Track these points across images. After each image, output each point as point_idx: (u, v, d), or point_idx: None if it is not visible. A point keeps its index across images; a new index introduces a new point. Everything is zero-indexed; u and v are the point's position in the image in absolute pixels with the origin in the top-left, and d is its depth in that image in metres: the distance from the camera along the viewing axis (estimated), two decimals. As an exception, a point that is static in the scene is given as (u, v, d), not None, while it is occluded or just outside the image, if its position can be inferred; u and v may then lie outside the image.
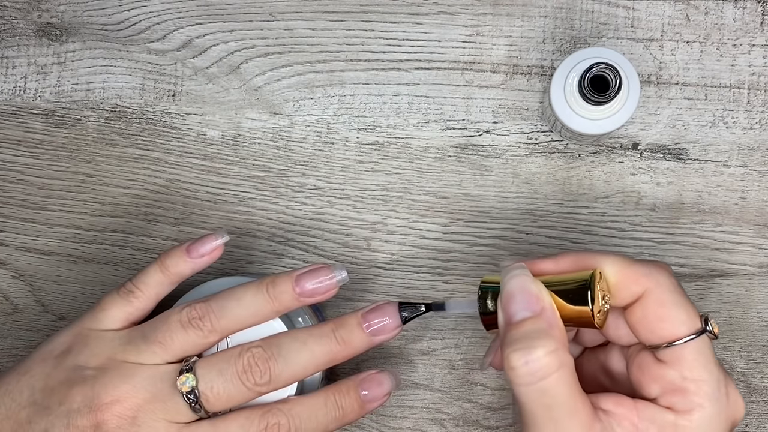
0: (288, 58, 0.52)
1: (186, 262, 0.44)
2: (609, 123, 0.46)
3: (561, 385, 0.35)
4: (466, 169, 0.51)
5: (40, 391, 0.41)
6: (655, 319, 0.37)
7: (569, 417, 0.35)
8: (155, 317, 0.43)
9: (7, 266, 0.53)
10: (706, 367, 0.37)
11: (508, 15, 0.51)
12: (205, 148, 0.52)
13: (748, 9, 0.51)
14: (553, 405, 0.35)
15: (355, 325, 0.42)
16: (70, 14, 0.53)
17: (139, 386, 0.40)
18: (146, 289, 0.44)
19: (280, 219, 0.52)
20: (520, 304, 0.37)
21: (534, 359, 0.35)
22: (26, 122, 0.53)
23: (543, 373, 0.35)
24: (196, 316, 0.42)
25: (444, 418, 0.51)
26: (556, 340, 0.35)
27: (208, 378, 0.40)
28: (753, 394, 0.50)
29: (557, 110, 0.46)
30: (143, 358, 0.41)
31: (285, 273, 0.43)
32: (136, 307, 0.43)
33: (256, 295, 0.42)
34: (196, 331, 0.41)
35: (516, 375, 0.35)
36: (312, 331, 0.42)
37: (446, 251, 0.51)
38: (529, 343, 0.35)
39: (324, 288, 0.43)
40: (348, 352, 0.42)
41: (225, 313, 0.42)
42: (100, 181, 0.52)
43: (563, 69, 0.46)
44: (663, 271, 0.38)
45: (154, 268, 0.44)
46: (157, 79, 0.52)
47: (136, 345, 0.42)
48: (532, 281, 0.37)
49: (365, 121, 0.52)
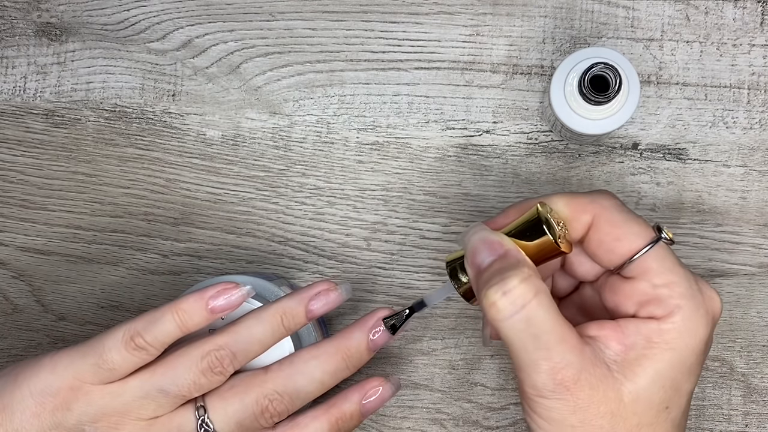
0: (288, 58, 0.52)
1: (207, 319, 0.41)
2: (609, 123, 0.46)
3: (543, 310, 0.35)
4: (466, 169, 0.51)
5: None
6: (611, 239, 0.38)
7: (559, 342, 0.36)
8: (167, 363, 0.40)
9: (7, 266, 0.53)
10: (672, 270, 0.37)
11: (508, 15, 0.51)
12: (205, 148, 0.52)
13: (748, 9, 0.51)
14: (540, 333, 0.35)
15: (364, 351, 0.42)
16: (69, 14, 0.53)
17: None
18: (160, 346, 0.40)
19: (280, 219, 0.52)
20: (484, 253, 0.37)
21: (510, 288, 0.35)
22: (26, 122, 0.53)
23: (522, 300, 0.35)
24: (218, 364, 0.40)
25: (444, 418, 0.51)
26: (528, 269, 0.36)
27: (227, 428, 0.40)
28: (753, 394, 0.50)
29: (557, 110, 0.46)
30: (160, 411, 0.40)
31: (296, 299, 0.42)
32: (146, 361, 0.40)
33: (274, 329, 0.42)
34: (218, 378, 0.41)
35: (497, 310, 0.35)
36: (326, 368, 0.42)
37: (446, 251, 0.51)
38: (501, 276, 0.35)
39: (331, 306, 0.43)
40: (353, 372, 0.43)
41: (246, 355, 0.41)
42: (99, 181, 0.52)
43: (563, 69, 0.46)
44: (606, 195, 0.39)
45: (170, 323, 0.40)
46: (157, 79, 0.52)
47: (154, 400, 0.40)
48: (490, 232, 0.38)
49: (365, 121, 0.52)
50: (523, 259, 0.37)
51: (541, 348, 0.35)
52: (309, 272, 0.52)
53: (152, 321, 0.40)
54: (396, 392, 0.43)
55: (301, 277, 0.52)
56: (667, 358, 0.37)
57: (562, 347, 0.35)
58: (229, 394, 0.41)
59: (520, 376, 0.36)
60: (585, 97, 0.44)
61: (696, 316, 0.37)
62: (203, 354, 0.40)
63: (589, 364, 0.36)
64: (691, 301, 0.37)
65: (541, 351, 0.35)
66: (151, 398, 0.40)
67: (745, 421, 0.50)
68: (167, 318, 0.40)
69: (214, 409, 0.40)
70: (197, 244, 0.52)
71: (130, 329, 0.40)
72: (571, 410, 0.36)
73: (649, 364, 0.37)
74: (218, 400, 0.41)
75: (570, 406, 0.36)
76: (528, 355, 0.36)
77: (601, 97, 0.44)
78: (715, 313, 0.39)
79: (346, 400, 0.42)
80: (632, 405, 0.36)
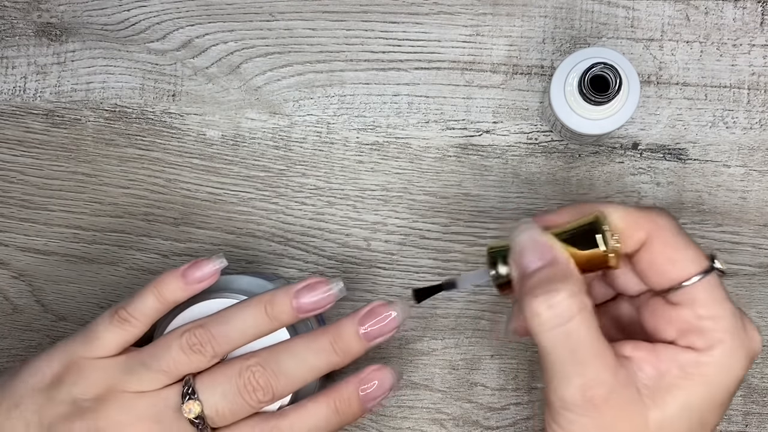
0: (288, 58, 0.52)
1: (182, 289, 0.43)
2: (609, 123, 0.46)
3: (584, 327, 0.35)
4: (466, 169, 0.51)
5: (37, 426, 0.40)
6: (664, 261, 0.37)
7: (595, 359, 0.35)
8: (152, 343, 0.42)
9: (7, 266, 0.53)
10: (720, 303, 0.36)
11: (508, 15, 0.51)
12: (205, 148, 0.52)
13: (748, 9, 0.51)
14: (578, 348, 0.35)
15: (353, 334, 0.42)
16: (70, 14, 0.53)
17: (143, 416, 0.40)
18: (141, 317, 0.42)
19: (280, 219, 0.52)
20: (533, 256, 0.36)
21: (557, 302, 0.35)
22: (26, 122, 0.53)
23: (567, 316, 0.35)
24: (197, 342, 0.41)
25: (444, 418, 0.51)
26: (575, 283, 0.35)
27: (212, 401, 0.40)
28: (753, 394, 0.50)
29: (557, 110, 0.46)
30: (144, 386, 0.41)
31: (282, 290, 0.42)
32: (132, 335, 0.42)
33: (256, 317, 0.42)
34: (198, 357, 0.41)
35: (540, 321, 0.35)
36: (310, 345, 0.42)
37: (446, 251, 0.51)
38: (549, 287, 0.35)
39: (322, 302, 0.42)
40: (347, 360, 0.42)
41: (225, 337, 0.41)
42: (99, 181, 0.52)
43: (563, 69, 0.46)
44: (664, 214, 0.38)
45: (149, 296, 0.43)
46: (157, 79, 0.52)
47: (137, 373, 0.41)
48: (541, 233, 0.37)
49: (365, 121, 0.52)
50: (571, 271, 0.36)
51: (576, 363, 0.35)
52: (309, 272, 0.52)
53: (135, 295, 0.43)
54: (397, 381, 0.43)
55: (302, 277, 0.52)
56: (700, 392, 0.36)
57: (597, 364, 0.35)
58: (215, 369, 0.42)
59: (549, 386, 0.36)
60: (585, 97, 0.44)
61: (736, 353, 0.37)
62: (183, 331, 0.42)
63: (620, 385, 0.36)
64: (733, 338, 0.36)
65: (576, 366, 0.35)
66: (134, 372, 0.41)
67: (745, 421, 0.50)
68: (147, 291, 0.43)
69: (199, 382, 0.41)
70: (197, 244, 0.52)
71: (116, 306, 0.43)
72: (594, 428, 0.35)
73: (681, 394, 0.36)
74: (204, 376, 0.41)
75: (594, 424, 0.35)
76: (562, 367, 0.35)
77: (601, 97, 0.44)
78: (755, 352, 0.38)
79: (344, 383, 0.42)
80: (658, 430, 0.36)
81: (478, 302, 0.51)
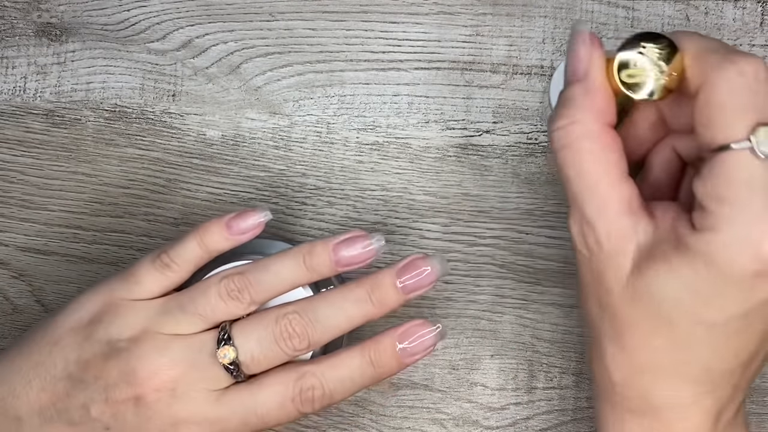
0: (288, 58, 0.52)
1: (226, 239, 0.43)
2: None
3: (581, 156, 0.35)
4: (466, 169, 0.51)
5: (74, 364, 0.41)
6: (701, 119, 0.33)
7: (587, 194, 0.35)
8: (191, 287, 0.42)
9: (7, 266, 0.53)
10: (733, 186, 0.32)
11: (508, 15, 0.51)
12: (205, 148, 0.52)
13: (748, 9, 0.51)
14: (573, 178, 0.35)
15: (390, 286, 0.42)
16: (70, 14, 0.53)
17: (177, 359, 0.40)
18: (183, 264, 0.42)
19: (280, 219, 0.52)
20: (570, 68, 0.37)
21: (559, 127, 0.35)
22: (26, 122, 0.53)
23: (564, 142, 0.35)
24: (234, 288, 0.41)
25: (444, 418, 0.51)
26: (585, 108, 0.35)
27: (247, 347, 0.41)
28: (753, 394, 0.50)
29: None
30: (180, 329, 0.41)
31: (322, 242, 0.42)
32: (172, 281, 0.42)
33: (294, 267, 0.42)
34: (235, 303, 0.41)
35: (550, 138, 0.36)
36: (347, 295, 0.42)
37: (446, 251, 0.51)
38: (560, 110, 0.36)
39: (362, 257, 0.42)
40: (383, 312, 0.42)
41: (263, 286, 0.42)
42: (100, 181, 0.52)
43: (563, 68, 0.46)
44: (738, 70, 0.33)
45: (192, 243, 0.42)
46: (157, 79, 0.52)
47: (173, 316, 0.41)
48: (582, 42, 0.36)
49: (365, 121, 0.52)
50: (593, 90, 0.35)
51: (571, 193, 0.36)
52: (309, 272, 0.52)
53: (177, 241, 0.43)
54: (440, 338, 0.42)
55: (301, 277, 0.52)
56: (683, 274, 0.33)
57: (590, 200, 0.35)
58: (251, 317, 0.42)
59: None
60: None
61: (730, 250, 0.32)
62: (222, 277, 0.42)
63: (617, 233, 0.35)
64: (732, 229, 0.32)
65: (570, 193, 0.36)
66: (170, 314, 0.41)
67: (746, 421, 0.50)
68: (190, 237, 0.43)
69: (236, 328, 0.41)
70: (197, 244, 0.52)
71: (159, 250, 0.43)
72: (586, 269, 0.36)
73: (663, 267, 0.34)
74: (241, 323, 0.41)
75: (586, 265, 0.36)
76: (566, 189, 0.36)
77: None
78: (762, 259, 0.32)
79: (381, 335, 0.42)
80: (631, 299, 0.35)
81: (477, 302, 0.51)
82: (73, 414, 0.40)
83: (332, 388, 0.41)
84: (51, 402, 0.41)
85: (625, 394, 0.37)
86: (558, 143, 0.35)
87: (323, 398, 0.41)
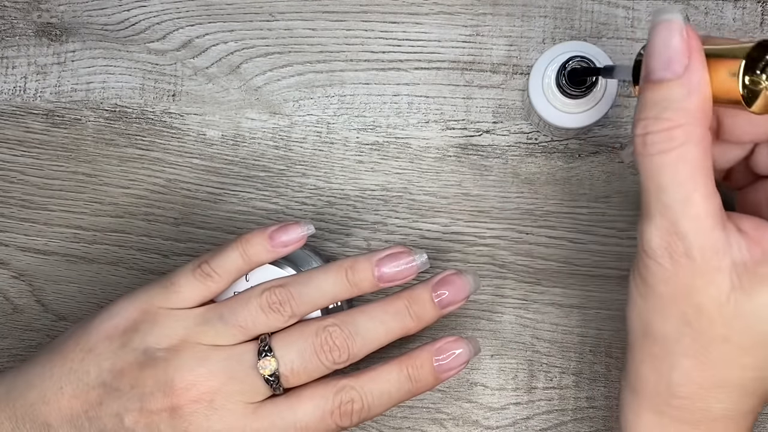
0: (288, 58, 0.52)
1: (268, 251, 0.43)
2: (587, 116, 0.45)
3: (680, 164, 0.31)
4: (466, 169, 0.51)
5: (109, 372, 0.40)
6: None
7: (681, 205, 0.32)
8: (231, 298, 0.42)
9: (7, 266, 0.53)
10: None
11: (508, 15, 0.51)
12: (205, 148, 0.52)
13: (748, 9, 0.51)
14: (666, 187, 0.32)
15: (428, 300, 0.42)
16: (70, 14, 0.53)
17: (215, 369, 0.40)
18: (224, 274, 0.42)
19: (280, 219, 0.52)
20: (660, 61, 0.32)
21: (657, 130, 0.31)
22: (26, 122, 0.53)
23: (662, 147, 0.31)
24: (276, 301, 0.41)
25: (444, 418, 0.51)
26: (690, 113, 0.31)
27: (288, 359, 0.40)
28: (753, 394, 0.50)
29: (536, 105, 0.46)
30: (220, 340, 0.41)
31: (364, 257, 0.42)
32: (212, 290, 0.42)
33: (337, 281, 0.42)
34: (276, 316, 0.41)
35: (636, 144, 0.32)
36: (387, 309, 0.42)
37: (446, 251, 0.51)
38: (658, 113, 0.31)
39: (403, 273, 0.42)
40: (420, 327, 0.42)
41: (304, 299, 0.41)
42: (100, 181, 0.52)
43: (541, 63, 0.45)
44: None
45: (235, 253, 0.42)
46: (157, 79, 0.52)
47: (213, 326, 0.41)
48: (680, 32, 0.32)
49: (365, 121, 0.52)
50: (695, 91, 0.32)
51: (660, 202, 0.32)
52: (309, 272, 0.52)
53: (219, 251, 0.42)
54: (473, 354, 0.42)
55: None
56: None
57: (682, 211, 0.32)
58: (291, 329, 0.41)
59: (639, 222, 0.33)
60: (563, 91, 0.44)
61: None
62: (264, 289, 0.41)
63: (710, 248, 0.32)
64: None
65: (658, 205, 0.32)
66: (210, 325, 0.41)
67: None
68: (232, 247, 0.42)
69: (276, 340, 0.41)
70: (197, 244, 0.52)
71: (199, 259, 0.42)
72: (667, 283, 0.33)
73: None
74: (281, 335, 0.41)
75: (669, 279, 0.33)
76: (648, 199, 0.33)
77: (578, 91, 0.44)
78: None
79: (418, 351, 0.42)
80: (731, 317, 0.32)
81: (477, 302, 0.51)
82: (106, 422, 0.40)
83: (371, 401, 0.41)
84: (83, 410, 0.40)
85: (688, 406, 0.35)
86: (654, 148, 0.32)
87: (362, 412, 0.41)
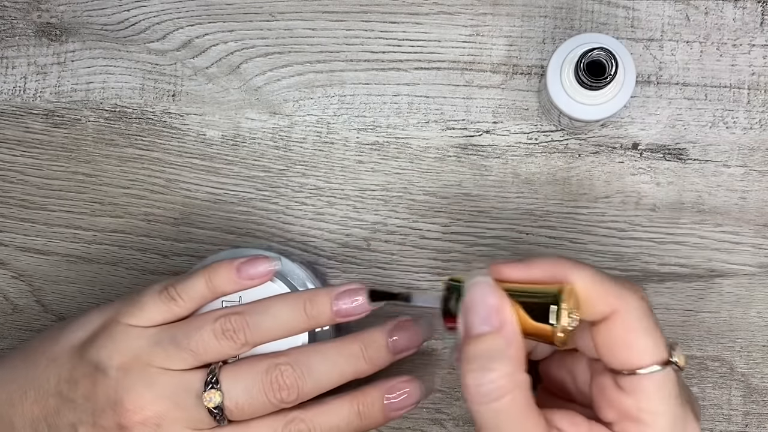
0: (288, 58, 0.52)
1: (234, 282, 0.43)
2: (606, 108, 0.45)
3: (513, 407, 0.34)
4: (466, 169, 0.51)
5: (66, 382, 0.41)
6: (620, 344, 0.35)
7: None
8: (188, 320, 0.42)
9: (7, 266, 0.53)
10: (665, 400, 0.35)
11: (508, 15, 0.51)
12: (205, 148, 0.52)
13: (748, 9, 0.51)
14: (504, 426, 0.34)
15: (383, 346, 0.42)
16: (69, 14, 0.53)
17: (162, 395, 0.40)
18: (189, 301, 0.42)
19: (280, 219, 0.52)
20: (479, 317, 0.35)
21: (488, 381, 0.34)
22: (26, 122, 0.53)
23: (495, 395, 0.34)
24: (230, 328, 0.41)
25: (444, 418, 0.51)
26: (512, 361, 0.34)
27: (233, 394, 0.40)
28: (753, 394, 0.50)
29: (554, 98, 0.46)
30: (170, 363, 0.41)
31: (324, 291, 0.42)
32: (175, 314, 0.42)
33: (293, 312, 0.42)
34: (229, 343, 0.41)
35: (469, 394, 0.34)
36: (341, 350, 0.42)
37: (446, 251, 0.51)
38: (484, 363, 0.34)
39: (359, 309, 0.42)
40: (373, 370, 0.42)
41: (260, 328, 0.41)
42: (99, 181, 0.52)
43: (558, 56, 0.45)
44: (635, 293, 0.36)
45: (201, 281, 0.43)
46: (157, 79, 0.52)
47: (164, 349, 0.41)
48: (493, 292, 0.35)
49: (365, 121, 0.52)
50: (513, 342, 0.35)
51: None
52: (309, 272, 0.52)
53: (186, 276, 0.43)
54: (424, 396, 0.43)
55: (301, 277, 0.52)
56: None
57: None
58: (241, 362, 0.41)
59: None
60: (581, 83, 0.44)
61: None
62: (218, 315, 0.42)
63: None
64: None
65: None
66: (162, 347, 0.41)
67: (745, 421, 0.50)
68: (199, 275, 0.43)
69: (224, 373, 0.41)
70: (197, 244, 0.52)
71: (168, 281, 0.43)
72: None
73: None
74: (230, 368, 0.41)
75: None
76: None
77: (598, 82, 0.44)
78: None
79: (370, 388, 0.42)
80: None
81: (478, 302, 0.51)
82: (62, 430, 0.41)
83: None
84: (43, 416, 0.41)
85: None
86: (488, 397, 0.34)
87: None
